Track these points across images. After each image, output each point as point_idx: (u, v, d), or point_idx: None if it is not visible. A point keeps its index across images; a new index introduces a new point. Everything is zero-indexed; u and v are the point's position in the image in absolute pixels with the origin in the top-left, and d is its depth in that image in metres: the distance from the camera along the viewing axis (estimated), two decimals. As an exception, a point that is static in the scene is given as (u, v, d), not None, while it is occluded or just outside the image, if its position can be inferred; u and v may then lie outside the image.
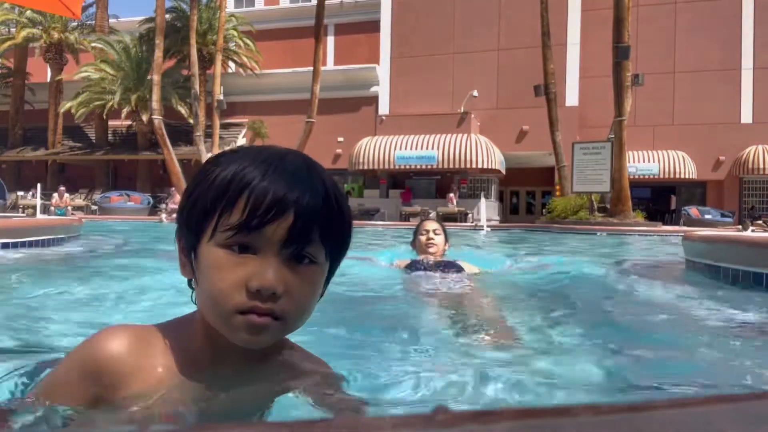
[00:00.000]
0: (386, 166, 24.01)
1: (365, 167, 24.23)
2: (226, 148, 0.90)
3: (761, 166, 23.46)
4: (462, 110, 24.41)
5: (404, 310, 2.79)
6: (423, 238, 4.12)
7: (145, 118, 25.49)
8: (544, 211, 21.94)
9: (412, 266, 3.92)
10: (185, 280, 0.93)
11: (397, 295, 3.33)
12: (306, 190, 0.83)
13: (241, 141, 27.79)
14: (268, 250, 0.82)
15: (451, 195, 22.52)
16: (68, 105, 26.67)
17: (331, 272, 0.93)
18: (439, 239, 4.11)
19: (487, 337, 2.14)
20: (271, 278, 0.81)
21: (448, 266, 3.86)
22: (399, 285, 3.58)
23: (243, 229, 0.81)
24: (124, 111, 26.01)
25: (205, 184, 0.85)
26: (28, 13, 27.67)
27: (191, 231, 0.87)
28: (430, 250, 4.06)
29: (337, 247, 0.90)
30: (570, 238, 11.41)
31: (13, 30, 28.60)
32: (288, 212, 0.81)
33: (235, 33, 27.99)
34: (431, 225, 4.21)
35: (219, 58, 24.02)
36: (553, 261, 5.36)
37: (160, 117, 22.79)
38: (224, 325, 0.84)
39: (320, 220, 0.84)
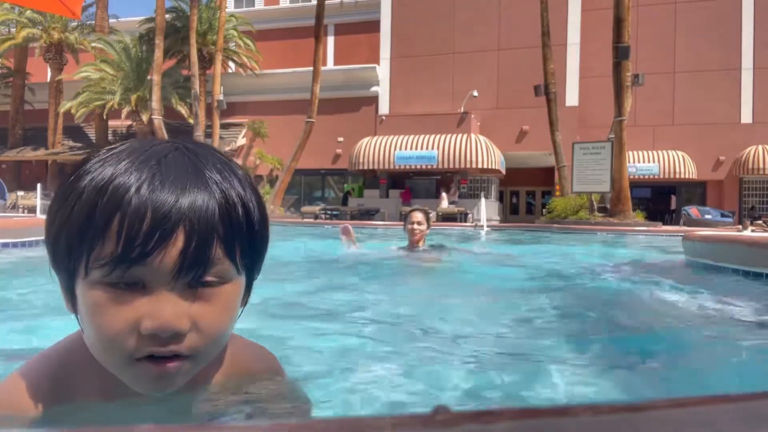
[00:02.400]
0: (386, 166, 24.01)
1: (365, 167, 24.22)
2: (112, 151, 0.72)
3: (761, 166, 23.45)
4: (462, 110, 24.41)
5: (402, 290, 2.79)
6: (409, 227, 5.01)
7: (145, 118, 25.49)
8: (544, 211, 21.93)
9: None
10: None
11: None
12: (195, 199, 0.66)
13: (241, 141, 27.79)
14: (160, 282, 0.66)
15: (444, 194, 22.56)
16: (68, 105, 26.67)
17: (249, 283, 0.77)
18: (422, 227, 4.99)
19: (480, 336, 2.14)
20: (168, 317, 0.65)
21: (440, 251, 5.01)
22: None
23: (121, 262, 0.64)
24: (124, 111, 26.01)
25: (68, 207, 0.67)
26: (28, 13, 27.67)
27: (60, 268, 0.70)
28: (415, 237, 4.97)
29: (250, 256, 0.73)
30: (570, 237, 11.41)
31: (13, 30, 28.60)
32: (175, 233, 0.64)
33: (235, 33, 27.99)
34: (416, 217, 5.03)
35: (219, 58, 24.01)
36: (553, 260, 5.36)
37: (160, 117, 22.79)
38: (122, 376, 0.70)
39: (221, 233, 0.67)
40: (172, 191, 0.66)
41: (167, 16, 26.26)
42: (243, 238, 0.71)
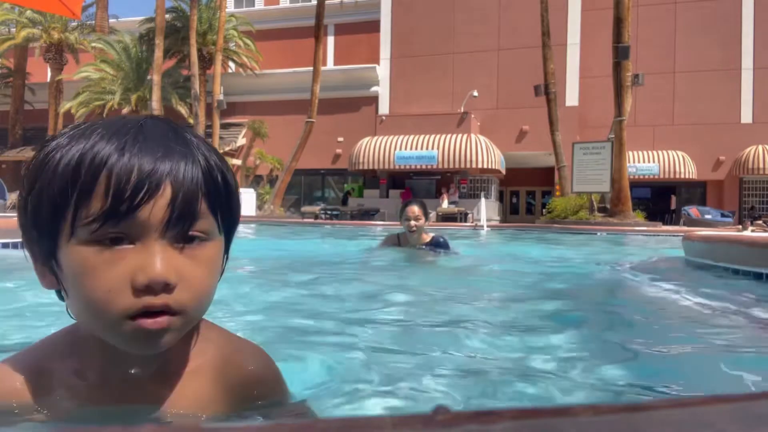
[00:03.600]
0: (386, 166, 24.01)
1: (365, 167, 24.23)
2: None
3: (761, 166, 23.46)
4: (462, 110, 24.42)
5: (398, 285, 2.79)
6: (406, 223, 4.77)
7: (145, 118, 25.48)
8: (544, 211, 21.94)
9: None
10: None
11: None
12: (180, 158, 0.70)
13: (241, 141, 27.80)
14: (149, 235, 0.68)
15: (444, 194, 22.57)
16: (68, 105, 26.69)
17: (227, 245, 0.80)
18: (419, 222, 4.77)
19: (480, 334, 2.14)
20: (159, 268, 0.67)
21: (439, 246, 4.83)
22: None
23: (111, 217, 0.66)
24: (124, 111, 26.01)
25: (48, 173, 0.69)
26: (28, 13, 27.67)
27: (42, 233, 0.71)
28: (413, 232, 4.76)
29: (229, 214, 0.77)
30: (570, 237, 11.41)
31: (13, 30, 28.60)
32: (163, 186, 0.67)
33: (235, 33, 28.00)
34: (413, 211, 4.78)
35: (219, 58, 24.02)
36: (552, 260, 5.36)
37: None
38: (113, 336, 0.71)
39: (204, 189, 0.71)
40: (156, 149, 0.69)
41: (167, 16, 26.25)
42: (222, 198, 0.74)
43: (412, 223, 4.71)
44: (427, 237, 4.92)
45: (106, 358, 0.77)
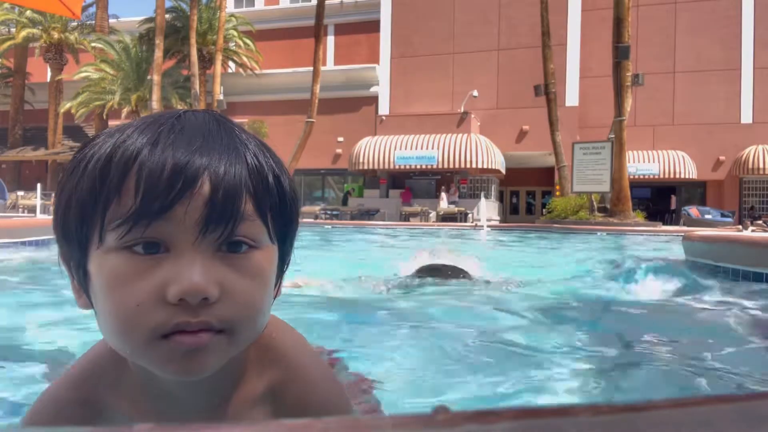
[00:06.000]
0: (386, 166, 24.01)
1: (365, 167, 24.23)
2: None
3: (761, 166, 23.45)
4: (462, 110, 24.42)
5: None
6: None
7: (145, 118, 25.50)
8: (544, 211, 21.94)
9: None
10: None
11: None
12: (222, 150, 0.60)
13: (241, 141, 27.79)
14: (185, 239, 0.58)
15: (444, 194, 22.59)
16: (68, 105, 26.69)
17: (283, 259, 0.68)
18: None
19: (478, 336, 2.14)
20: (196, 279, 0.56)
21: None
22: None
23: (141, 217, 0.56)
24: (124, 111, 26.02)
25: (78, 173, 0.60)
26: (28, 13, 27.68)
27: (72, 243, 0.62)
28: None
29: (282, 219, 0.65)
30: (570, 238, 11.40)
31: (13, 30, 28.61)
32: (200, 180, 0.57)
33: (235, 33, 28.01)
34: None
35: (219, 58, 24.02)
36: (552, 260, 5.36)
37: (160, 117, 22.78)
38: (145, 359, 0.60)
39: (250, 188, 0.61)
40: (193, 140, 0.59)
41: (167, 16, 26.26)
42: (274, 200, 0.63)
43: None
44: None
45: (150, 385, 0.67)
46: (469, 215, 21.79)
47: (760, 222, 16.61)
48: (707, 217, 20.85)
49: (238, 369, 0.70)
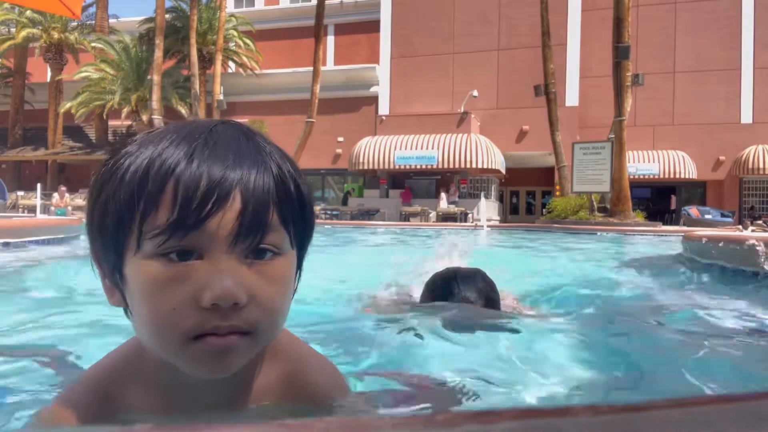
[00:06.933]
0: (386, 166, 24.02)
1: (365, 167, 24.24)
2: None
3: (761, 166, 23.46)
4: (462, 110, 24.43)
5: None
6: None
7: (145, 118, 25.51)
8: (544, 211, 21.95)
9: None
10: None
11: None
12: (251, 165, 0.66)
13: (241, 141, 27.80)
14: (217, 249, 0.64)
15: (444, 194, 22.60)
16: (68, 105, 26.70)
17: (299, 262, 0.75)
18: None
19: (477, 335, 2.14)
20: (228, 285, 0.62)
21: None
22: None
23: (178, 229, 0.62)
24: (124, 111, 26.03)
25: (114, 182, 0.65)
26: (28, 13, 27.68)
27: (108, 247, 0.67)
28: None
29: (302, 228, 0.72)
30: (570, 237, 11.41)
31: (13, 30, 28.63)
32: (233, 196, 0.63)
33: (235, 33, 28.02)
34: None
35: (219, 58, 24.04)
36: (551, 260, 5.36)
37: (161, 117, 22.81)
38: (177, 359, 0.66)
39: (276, 199, 0.66)
40: (226, 155, 0.65)
41: (167, 16, 26.28)
42: (295, 209, 0.69)
43: None
44: None
45: (173, 382, 0.73)
46: (469, 215, 21.80)
47: (760, 222, 16.62)
48: (707, 217, 20.86)
49: (254, 364, 0.76)
